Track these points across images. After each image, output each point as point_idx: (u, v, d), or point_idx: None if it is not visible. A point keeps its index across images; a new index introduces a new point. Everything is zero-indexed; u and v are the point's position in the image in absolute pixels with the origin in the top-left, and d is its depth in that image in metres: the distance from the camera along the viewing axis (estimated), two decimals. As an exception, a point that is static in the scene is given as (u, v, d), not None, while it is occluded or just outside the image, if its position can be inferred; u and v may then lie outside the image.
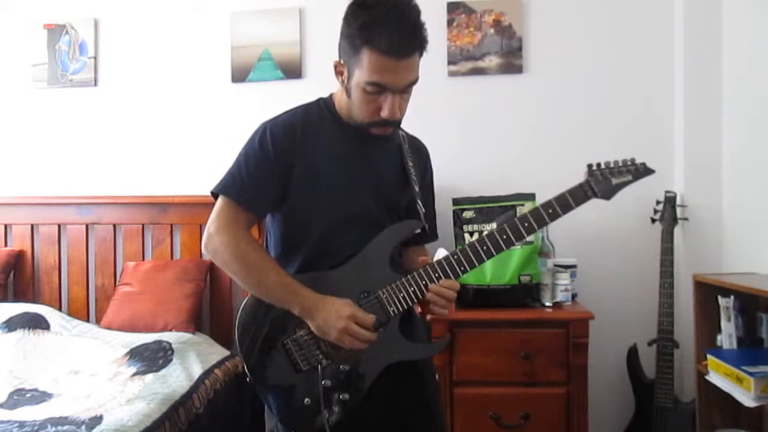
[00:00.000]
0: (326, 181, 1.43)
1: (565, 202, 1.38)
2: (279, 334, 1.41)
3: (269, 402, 1.44)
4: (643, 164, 1.43)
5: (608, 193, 1.40)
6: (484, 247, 1.39)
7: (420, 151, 1.60)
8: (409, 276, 1.39)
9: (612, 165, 1.41)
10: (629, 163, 1.42)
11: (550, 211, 1.38)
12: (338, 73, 1.42)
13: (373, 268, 1.41)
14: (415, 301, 1.40)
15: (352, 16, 1.35)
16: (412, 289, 1.39)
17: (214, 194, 1.45)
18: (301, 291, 1.37)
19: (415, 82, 1.37)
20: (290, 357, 1.39)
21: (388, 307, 1.39)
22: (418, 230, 1.49)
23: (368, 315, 1.36)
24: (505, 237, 1.39)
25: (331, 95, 1.51)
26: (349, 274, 1.41)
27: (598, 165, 1.41)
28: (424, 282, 1.39)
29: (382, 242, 1.43)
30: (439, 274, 1.39)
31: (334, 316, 1.33)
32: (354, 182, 1.44)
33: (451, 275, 1.40)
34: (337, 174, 1.43)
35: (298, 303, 1.36)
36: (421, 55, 1.36)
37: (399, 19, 1.31)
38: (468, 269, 1.40)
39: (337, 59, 1.41)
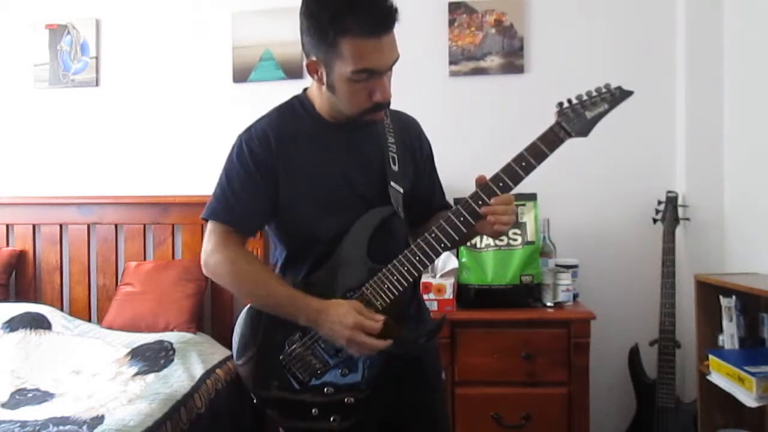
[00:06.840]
0: (314, 182, 1.38)
1: (537, 151, 1.25)
2: (274, 354, 1.39)
3: (278, 418, 1.43)
4: (619, 88, 1.27)
5: (584, 129, 1.26)
6: (461, 218, 1.30)
7: (408, 126, 1.51)
8: (389, 266, 1.34)
9: (585, 98, 1.26)
10: (603, 90, 1.26)
11: (524, 164, 1.25)
12: (312, 72, 1.33)
13: (352, 264, 1.36)
14: (401, 288, 1.34)
15: (316, 8, 1.25)
16: (395, 277, 1.33)
17: (205, 219, 1.43)
18: (304, 301, 1.34)
19: (397, 59, 1.29)
20: (290, 372, 1.38)
21: (375, 302, 1.34)
22: (385, 216, 1.40)
23: (374, 321, 1.28)
24: (480, 202, 1.27)
25: (305, 90, 1.45)
26: (329, 275, 1.37)
27: (569, 101, 1.27)
28: (405, 267, 1.33)
29: (355, 236, 1.37)
30: (419, 256, 1.33)
31: (339, 326, 1.29)
32: (342, 179, 1.39)
33: (426, 261, 1.34)
34: (324, 173, 1.39)
35: (303, 314, 1.34)
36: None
37: None
38: (449, 246, 1.34)
39: (308, 58, 1.31)
